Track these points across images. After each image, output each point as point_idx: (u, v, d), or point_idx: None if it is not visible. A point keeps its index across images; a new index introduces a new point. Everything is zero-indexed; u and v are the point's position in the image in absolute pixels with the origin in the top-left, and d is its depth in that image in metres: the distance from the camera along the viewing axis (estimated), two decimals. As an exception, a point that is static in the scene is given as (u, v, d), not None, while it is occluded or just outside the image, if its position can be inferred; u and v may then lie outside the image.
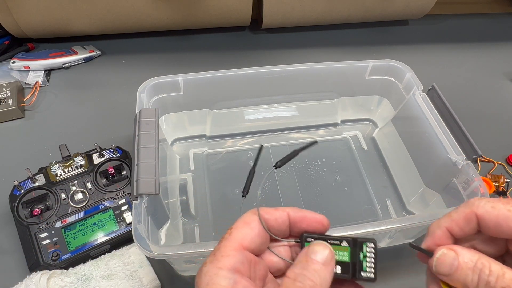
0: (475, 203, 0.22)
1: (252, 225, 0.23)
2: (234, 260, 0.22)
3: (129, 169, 0.49)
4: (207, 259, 0.22)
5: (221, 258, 0.22)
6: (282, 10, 0.69)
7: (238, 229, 0.23)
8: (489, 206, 0.21)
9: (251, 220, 0.24)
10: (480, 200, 0.22)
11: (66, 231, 0.44)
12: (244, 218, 0.24)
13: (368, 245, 0.23)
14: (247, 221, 0.24)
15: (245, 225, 0.23)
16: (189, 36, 0.75)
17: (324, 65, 0.50)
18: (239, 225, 0.23)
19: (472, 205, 0.22)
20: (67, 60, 0.67)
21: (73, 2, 0.62)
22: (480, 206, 0.22)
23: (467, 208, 0.22)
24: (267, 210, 0.24)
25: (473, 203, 0.22)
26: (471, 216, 0.22)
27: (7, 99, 0.59)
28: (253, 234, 0.23)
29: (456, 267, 0.21)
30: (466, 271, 0.21)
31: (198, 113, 0.53)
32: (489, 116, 0.63)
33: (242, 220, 0.24)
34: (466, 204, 0.22)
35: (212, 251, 0.23)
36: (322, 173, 0.54)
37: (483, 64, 0.73)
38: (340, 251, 0.23)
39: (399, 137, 0.53)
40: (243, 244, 0.23)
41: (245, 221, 0.24)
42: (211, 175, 0.53)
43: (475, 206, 0.22)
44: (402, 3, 0.71)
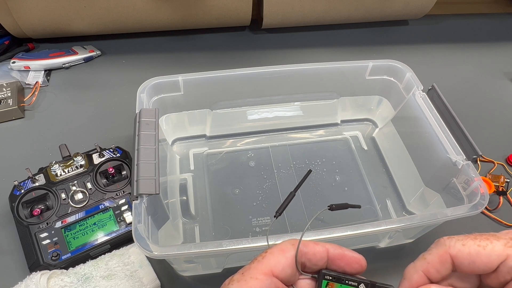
0: (446, 243, 0.22)
1: (287, 254, 0.23)
2: (261, 285, 0.22)
3: (129, 169, 0.49)
4: (234, 276, 0.22)
5: (250, 280, 0.22)
6: (282, 10, 0.69)
7: (273, 254, 0.23)
8: (460, 244, 0.22)
9: (288, 249, 0.23)
10: (450, 240, 0.22)
11: (66, 231, 0.44)
12: (281, 246, 0.24)
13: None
14: (283, 249, 0.23)
15: (280, 253, 0.23)
16: (189, 36, 0.75)
17: (324, 65, 0.50)
18: (274, 251, 0.23)
19: (444, 245, 0.22)
20: (67, 60, 0.67)
21: (73, 2, 0.62)
22: (451, 245, 0.22)
23: (440, 250, 0.22)
24: (307, 243, 0.24)
25: (444, 243, 0.22)
26: (445, 257, 0.22)
27: (7, 99, 0.59)
28: (286, 263, 0.23)
29: None
30: None
31: (198, 113, 0.53)
32: (489, 116, 0.63)
33: (279, 247, 0.23)
34: (438, 245, 0.23)
35: (241, 270, 0.23)
36: (322, 173, 0.54)
37: (483, 64, 0.73)
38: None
39: (399, 137, 0.53)
40: (274, 271, 0.22)
41: (281, 248, 0.23)
42: (211, 175, 0.53)
43: (447, 246, 0.22)
44: (402, 3, 0.71)
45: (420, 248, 0.24)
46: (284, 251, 0.23)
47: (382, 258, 0.47)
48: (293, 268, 0.23)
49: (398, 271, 0.46)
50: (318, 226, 0.48)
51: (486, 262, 0.21)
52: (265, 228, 0.48)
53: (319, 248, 0.24)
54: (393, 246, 0.47)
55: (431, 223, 0.38)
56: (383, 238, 0.45)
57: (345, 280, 0.23)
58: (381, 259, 0.46)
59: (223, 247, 0.33)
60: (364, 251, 0.47)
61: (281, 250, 0.23)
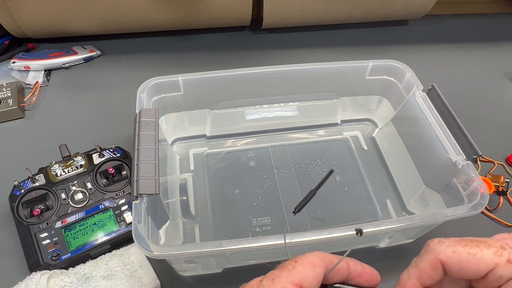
0: (436, 248, 0.23)
1: (317, 270, 0.23)
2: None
3: (129, 169, 0.49)
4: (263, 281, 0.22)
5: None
6: (282, 10, 0.69)
7: (303, 266, 0.23)
8: (450, 251, 0.22)
9: (317, 264, 0.23)
10: (440, 245, 0.23)
11: (66, 231, 0.44)
12: (311, 259, 0.23)
13: None
14: (313, 263, 0.23)
15: (310, 266, 0.23)
16: (189, 36, 0.75)
17: (324, 65, 0.50)
18: (305, 263, 0.23)
19: (434, 251, 0.23)
20: (67, 60, 0.67)
21: (73, 2, 0.62)
22: (442, 251, 0.22)
23: (430, 256, 0.23)
24: (332, 259, 0.24)
25: (434, 249, 0.23)
26: (436, 263, 0.23)
27: (7, 99, 0.59)
28: (315, 278, 0.23)
29: None
30: None
31: (198, 113, 0.53)
32: (489, 116, 0.63)
33: (309, 260, 0.23)
34: (428, 251, 0.23)
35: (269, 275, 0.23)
36: (322, 173, 0.54)
37: (483, 64, 0.73)
38: None
39: (399, 137, 0.53)
40: (303, 284, 0.22)
41: (311, 262, 0.23)
42: (211, 175, 0.53)
43: (437, 252, 0.23)
44: (402, 3, 0.71)
45: (420, 248, 0.24)
46: (314, 265, 0.23)
47: (382, 258, 0.47)
48: (318, 283, 0.23)
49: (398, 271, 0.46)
50: (318, 226, 0.48)
51: (475, 269, 0.21)
52: (265, 228, 0.48)
53: (342, 265, 0.24)
54: (393, 246, 0.47)
55: (431, 223, 0.38)
56: (383, 238, 0.45)
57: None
58: (381, 259, 0.46)
59: (223, 247, 0.33)
60: (364, 251, 0.47)
61: (311, 264, 0.23)
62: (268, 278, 0.22)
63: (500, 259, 0.21)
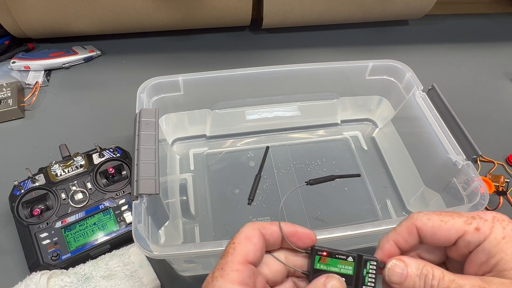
0: (414, 216, 0.25)
1: (254, 240, 0.25)
2: (243, 275, 0.23)
3: (129, 169, 0.49)
4: (215, 272, 0.24)
5: (231, 273, 0.23)
6: (282, 10, 0.69)
7: (242, 244, 0.24)
8: (426, 218, 0.24)
9: (252, 235, 0.25)
10: (419, 214, 0.25)
11: (66, 231, 0.44)
12: (246, 233, 0.25)
13: (372, 263, 0.25)
14: (248, 236, 0.25)
15: (247, 240, 0.24)
16: (189, 36, 0.75)
17: (324, 65, 0.50)
18: (242, 240, 0.25)
19: (412, 218, 0.25)
20: (67, 60, 0.67)
21: (73, 2, 0.62)
22: (418, 218, 0.24)
23: (408, 222, 0.25)
24: (264, 225, 0.26)
25: (412, 216, 0.25)
26: (412, 228, 0.25)
27: (7, 99, 0.59)
28: (255, 249, 0.24)
29: (405, 276, 0.24)
30: (414, 278, 0.24)
31: (198, 113, 0.53)
32: (489, 116, 0.63)
33: (244, 235, 0.25)
34: (407, 218, 0.25)
35: (218, 265, 0.24)
36: (322, 173, 0.54)
37: (483, 64, 0.73)
38: (345, 265, 0.25)
39: (399, 137, 0.53)
40: (248, 258, 0.24)
41: (246, 236, 0.25)
42: (211, 175, 0.53)
43: (414, 219, 0.25)
44: (402, 3, 0.71)
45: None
46: (249, 238, 0.25)
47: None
48: (261, 251, 0.25)
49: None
50: (318, 226, 0.48)
51: (446, 235, 0.23)
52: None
53: (275, 228, 0.26)
54: (393, 246, 0.47)
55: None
56: (383, 238, 0.45)
57: (335, 254, 0.26)
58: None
59: (223, 247, 0.33)
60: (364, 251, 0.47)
61: (247, 238, 0.25)
62: (218, 268, 0.24)
63: (469, 227, 0.23)
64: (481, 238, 0.23)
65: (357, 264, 0.25)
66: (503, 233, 0.22)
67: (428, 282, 0.23)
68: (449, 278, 0.22)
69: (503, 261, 0.22)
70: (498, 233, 0.22)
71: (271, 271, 0.26)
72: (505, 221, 0.23)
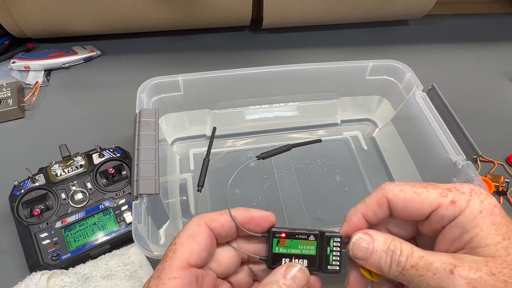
0: (386, 187, 0.23)
1: (199, 239, 0.22)
2: (182, 282, 0.20)
3: (129, 169, 0.49)
4: (150, 281, 0.21)
5: (168, 282, 0.20)
6: (282, 10, 0.69)
7: (183, 245, 0.21)
8: (398, 189, 0.22)
9: (197, 233, 0.22)
10: (390, 184, 0.23)
11: (66, 231, 0.44)
12: (189, 231, 0.22)
13: (335, 240, 0.24)
14: (192, 234, 0.22)
15: (190, 240, 0.22)
16: (189, 36, 0.75)
17: (324, 65, 0.50)
18: (184, 240, 0.22)
19: (383, 189, 0.23)
20: (67, 60, 0.67)
21: (73, 2, 0.62)
22: (390, 189, 0.22)
23: (378, 193, 0.23)
24: (212, 217, 0.23)
25: (383, 187, 0.23)
26: (382, 200, 0.22)
27: (7, 99, 0.59)
28: (200, 249, 0.22)
29: (371, 251, 0.22)
30: (380, 253, 0.21)
31: (198, 113, 0.53)
32: (489, 116, 0.63)
33: (187, 234, 0.22)
34: (378, 189, 0.23)
35: (155, 272, 0.21)
36: (322, 173, 0.54)
37: (483, 64, 0.73)
38: (307, 245, 0.24)
39: (399, 137, 0.53)
40: (190, 261, 0.21)
41: (190, 234, 0.22)
42: (211, 175, 0.53)
43: (386, 190, 0.22)
44: (402, 3, 0.71)
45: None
46: (193, 236, 0.22)
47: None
48: (209, 249, 0.22)
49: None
50: (318, 226, 0.48)
51: (418, 208, 0.21)
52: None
53: (226, 218, 0.23)
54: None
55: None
56: (383, 238, 0.45)
57: (295, 234, 0.24)
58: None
59: (223, 247, 0.33)
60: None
61: (191, 237, 0.22)
62: (154, 277, 0.21)
63: (444, 199, 0.21)
64: (456, 212, 0.21)
65: (320, 243, 0.24)
66: (480, 207, 0.21)
67: (395, 258, 0.21)
68: (418, 255, 0.21)
69: (477, 237, 0.20)
70: (475, 207, 0.21)
71: (222, 265, 0.23)
72: (483, 194, 0.21)
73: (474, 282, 0.19)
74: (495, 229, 0.20)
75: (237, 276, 0.25)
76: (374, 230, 0.23)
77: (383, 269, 0.21)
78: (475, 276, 0.19)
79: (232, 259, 0.24)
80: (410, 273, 0.20)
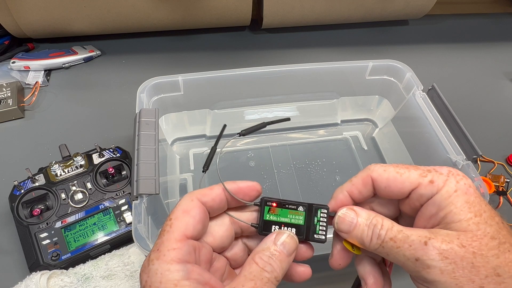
0: (371, 167, 0.24)
1: (193, 213, 0.23)
2: (182, 253, 0.22)
3: (129, 169, 0.49)
4: (151, 255, 0.22)
5: (168, 253, 0.21)
6: (282, 10, 0.69)
7: (179, 219, 0.23)
8: (382, 169, 0.24)
9: (191, 207, 0.24)
10: (376, 165, 0.24)
11: (66, 231, 0.44)
12: (183, 207, 0.24)
13: (322, 211, 0.25)
14: (186, 209, 0.23)
15: (185, 214, 0.23)
16: (189, 36, 0.75)
17: (324, 65, 0.50)
18: (179, 215, 0.23)
19: (368, 169, 0.24)
20: (67, 60, 0.67)
21: (73, 2, 0.62)
22: (375, 170, 0.24)
23: (364, 173, 0.24)
24: (203, 192, 0.25)
25: (369, 167, 0.24)
26: (367, 179, 0.24)
27: (7, 99, 0.59)
28: (195, 222, 0.23)
29: (355, 225, 0.24)
30: (363, 227, 0.23)
31: (198, 113, 0.53)
32: (489, 116, 0.63)
33: (181, 209, 0.24)
34: (364, 169, 0.25)
35: (154, 246, 0.22)
36: (322, 173, 0.54)
37: (483, 64, 0.73)
38: (296, 215, 0.25)
39: (399, 137, 0.53)
40: (187, 234, 0.23)
41: (184, 209, 0.23)
42: (211, 175, 0.53)
43: (371, 170, 0.24)
44: (402, 3, 0.71)
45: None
46: (187, 211, 0.23)
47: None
48: (203, 222, 0.24)
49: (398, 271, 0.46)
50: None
51: (400, 187, 0.23)
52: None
53: (216, 192, 0.25)
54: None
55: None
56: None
57: (285, 204, 0.25)
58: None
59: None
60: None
61: (185, 212, 0.23)
62: (154, 250, 0.22)
63: (424, 179, 0.23)
64: (433, 190, 0.22)
65: (308, 213, 0.25)
66: (456, 186, 0.22)
67: (376, 231, 0.23)
68: (397, 229, 0.22)
69: (451, 214, 0.21)
70: (451, 186, 0.22)
71: (216, 239, 0.25)
72: (459, 175, 0.23)
73: (445, 253, 0.21)
74: (468, 207, 0.22)
75: (232, 250, 0.26)
76: (359, 207, 0.25)
77: (365, 242, 0.23)
78: (446, 248, 0.21)
79: (226, 232, 0.25)
80: (389, 245, 0.22)
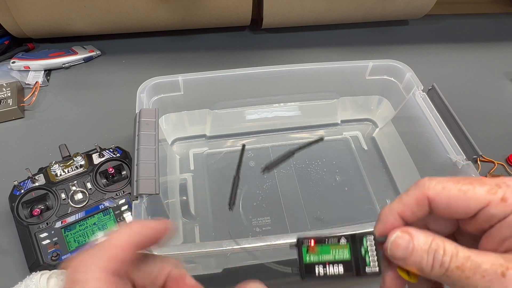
0: (426, 184, 0.21)
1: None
2: None
3: (129, 169, 0.49)
4: None
5: None
6: (282, 10, 0.69)
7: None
8: (440, 187, 0.20)
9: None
10: (431, 181, 0.21)
11: (66, 231, 0.44)
12: None
13: (368, 238, 0.22)
14: None
15: None
16: (189, 36, 0.75)
17: (324, 65, 0.50)
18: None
19: (423, 187, 0.21)
20: (67, 60, 0.67)
21: (73, 2, 0.62)
22: (431, 187, 0.21)
23: (418, 191, 0.21)
24: (107, 255, 0.21)
25: (423, 184, 0.21)
26: (422, 199, 0.21)
27: (7, 99, 0.59)
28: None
29: (411, 250, 0.20)
30: (421, 253, 0.20)
31: (198, 113, 0.53)
32: (489, 116, 0.63)
33: None
34: (417, 186, 0.21)
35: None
36: (322, 173, 0.54)
37: (483, 64, 0.73)
38: (339, 249, 0.22)
39: (399, 137, 0.53)
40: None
41: None
42: (211, 175, 0.53)
43: (426, 187, 0.21)
44: (402, 3, 0.71)
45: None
46: None
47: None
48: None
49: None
50: (318, 226, 0.48)
51: (464, 207, 0.20)
52: (265, 228, 0.48)
53: (121, 245, 0.21)
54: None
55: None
56: (383, 238, 0.45)
57: (324, 239, 0.22)
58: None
59: (223, 247, 0.33)
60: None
61: None
62: None
63: (493, 197, 0.19)
64: (507, 210, 0.19)
65: (352, 245, 0.22)
66: None
67: (438, 258, 0.19)
68: (463, 255, 0.19)
69: None
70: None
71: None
72: None
73: None
74: None
75: None
76: (414, 228, 0.21)
77: (425, 269, 0.20)
78: None
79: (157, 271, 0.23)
80: (455, 275, 0.19)
